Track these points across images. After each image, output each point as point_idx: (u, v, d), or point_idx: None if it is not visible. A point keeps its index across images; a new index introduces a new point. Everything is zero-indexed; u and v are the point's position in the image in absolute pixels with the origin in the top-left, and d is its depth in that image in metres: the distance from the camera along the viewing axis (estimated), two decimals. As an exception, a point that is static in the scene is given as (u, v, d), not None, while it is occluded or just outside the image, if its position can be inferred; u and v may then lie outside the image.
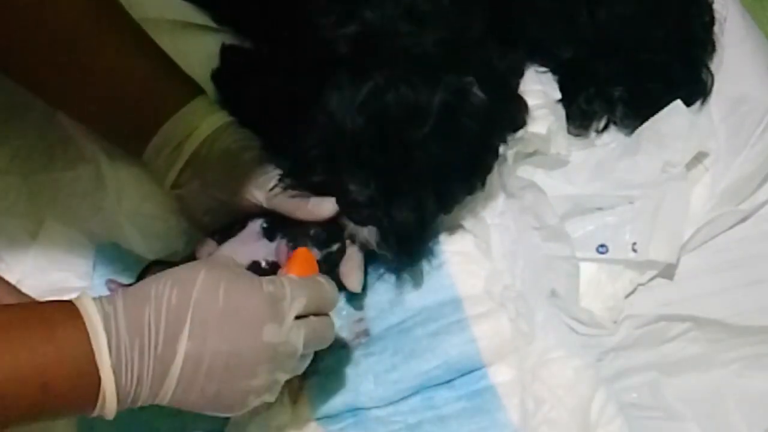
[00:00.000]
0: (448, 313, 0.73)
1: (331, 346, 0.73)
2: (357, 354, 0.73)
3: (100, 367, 0.54)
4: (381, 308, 0.75)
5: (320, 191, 0.70)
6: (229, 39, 0.83)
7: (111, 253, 0.78)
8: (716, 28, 0.85)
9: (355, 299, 0.76)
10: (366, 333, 0.75)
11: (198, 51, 0.83)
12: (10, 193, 0.80)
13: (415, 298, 0.75)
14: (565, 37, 0.83)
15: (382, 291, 0.76)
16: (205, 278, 0.57)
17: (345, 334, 0.75)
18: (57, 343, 0.54)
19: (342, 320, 0.75)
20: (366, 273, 0.74)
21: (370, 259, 0.75)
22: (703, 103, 0.83)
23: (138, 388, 0.56)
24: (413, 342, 0.72)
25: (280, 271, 0.66)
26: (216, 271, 0.58)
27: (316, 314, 0.62)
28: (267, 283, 0.59)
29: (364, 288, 0.74)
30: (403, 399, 0.71)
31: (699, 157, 0.78)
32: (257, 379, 0.58)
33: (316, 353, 0.74)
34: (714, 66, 0.84)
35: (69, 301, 0.57)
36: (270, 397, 0.61)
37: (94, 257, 0.78)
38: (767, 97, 0.80)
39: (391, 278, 0.76)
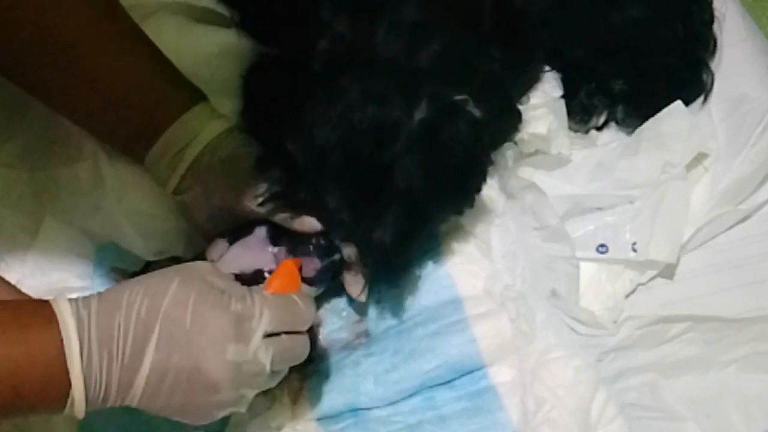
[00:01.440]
0: (449, 313, 0.73)
1: (331, 347, 0.74)
2: (357, 354, 0.73)
3: (70, 372, 0.55)
4: (381, 309, 0.75)
5: (306, 207, 0.69)
6: (236, 38, 0.83)
7: (111, 253, 0.78)
8: (715, 27, 0.85)
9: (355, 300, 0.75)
10: (366, 333, 0.75)
11: (204, 49, 0.83)
12: (15, 189, 0.80)
13: (416, 299, 0.75)
14: (579, 42, 0.83)
15: (383, 292, 0.75)
16: (176, 291, 0.57)
17: (345, 334, 0.75)
18: (30, 346, 0.54)
19: (342, 321, 0.75)
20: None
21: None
22: (703, 102, 0.83)
23: (107, 393, 0.56)
24: (413, 342, 0.73)
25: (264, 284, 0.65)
26: (188, 284, 0.58)
27: (288, 332, 0.61)
28: (236, 300, 0.59)
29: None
30: (403, 399, 0.71)
31: (699, 158, 0.78)
32: (220, 394, 0.58)
33: (316, 355, 0.74)
34: (714, 66, 0.84)
35: (46, 302, 0.57)
36: (239, 409, 0.61)
37: (94, 257, 0.78)
38: (767, 97, 0.80)
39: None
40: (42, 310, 0.56)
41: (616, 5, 0.82)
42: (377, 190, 0.68)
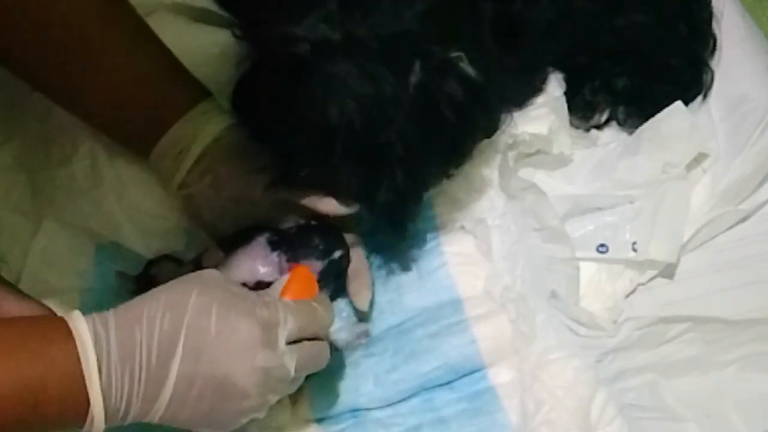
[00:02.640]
0: (449, 314, 0.73)
1: (331, 347, 0.74)
2: (357, 355, 0.73)
3: (89, 388, 0.54)
4: (381, 309, 0.75)
5: (309, 184, 0.70)
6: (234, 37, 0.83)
7: (111, 252, 0.78)
8: (714, 26, 0.85)
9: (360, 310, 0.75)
10: (366, 334, 0.75)
11: (203, 50, 0.83)
12: (14, 191, 0.80)
13: (416, 299, 0.75)
14: (584, 48, 0.83)
15: (383, 292, 0.76)
16: (196, 301, 0.57)
17: (345, 335, 0.75)
18: (49, 363, 0.54)
19: (342, 321, 0.75)
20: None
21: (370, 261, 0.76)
22: (703, 100, 0.83)
23: (127, 408, 0.56)
24: (413, 343, 0.72)
25: (274, 288, 0.66)
26: (208, 293, 0.58)
27: (309, 338, 0.62)
28: (261, 307, 0.59)
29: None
30: (403, 400, 0.71)
31: (699, 158, 0.78)
32: (248, 401, 0.58)
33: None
34: (714, 65, 0.84)
35: (62, 319, 0.57)
36: (259, 415, 0.61)
37: (94, 257, 0.78)
38: (767, 96, 0.80)
39: (391, 279, 0.76)
40: (58, 327, 0.56)
41: (620, 10, 0.82)
42: (379, 156, 0.68)
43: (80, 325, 0.56)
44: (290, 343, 0.60)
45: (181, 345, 0.56)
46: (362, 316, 0.75)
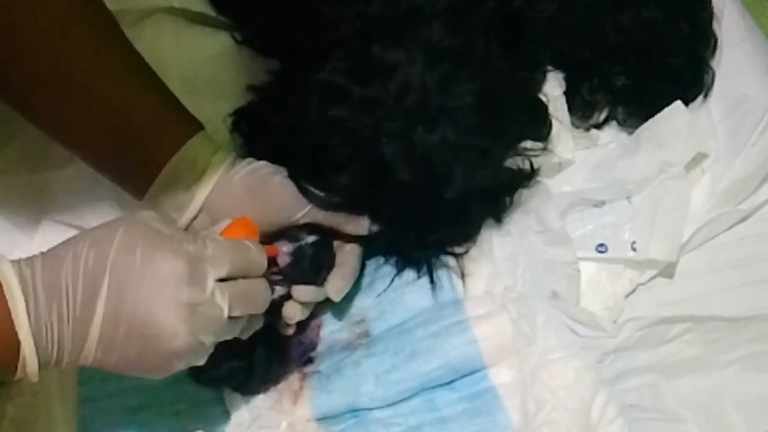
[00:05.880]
0: (449, 314, 0.73)
1: (332, 347, 0.74)
2: (358, 355, 0.73)
3: (18, 332, 0.53)
4: (382, 309, 0.75)
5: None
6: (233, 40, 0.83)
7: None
8: (715, 26, 0.85)
9: (356, 300, 0.76)
10: (367, 334, 0.74)
11: (202, 51, 0.83)
12: (15, 193, 0.80)
13: (416, 299, 0.75)
14: (585, 44, 0.83)
15: (383, 292, 0.76)
16: (122, 238, 0.56)
17: (346, 334, 0.75)
18: None
19: (343, 321, 0.75)
20: (361, 276, 0.75)
21: (371, 259, 0.76)
22: (704, 99, 0.83)
23: (59, 351, 0.55)
24: (414, 343, 0.72)
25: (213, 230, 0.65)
26: (134, 230, 0.57)
27: (244, 277, 0.60)
28: (188, 242, 0.58)
29: (361, 289, 0.75)
30: (403, 400, 0.71)
31: (698, 158, 0.78)
32: (178, 340, 0.56)
33: (315, 354, 0.74)
34: (714, 65, 0.84)
35: None
36: (198, 361, 0.60)
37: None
38: (767, 97, 0.80)
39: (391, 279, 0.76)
40: None
41: (623, 6, 0.82)
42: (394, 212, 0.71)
43: (5, 268, 0.55)
44: (222, 280, 0.58)
45: (105, 283, 0.55)
46: (357, 304, 0.75)
